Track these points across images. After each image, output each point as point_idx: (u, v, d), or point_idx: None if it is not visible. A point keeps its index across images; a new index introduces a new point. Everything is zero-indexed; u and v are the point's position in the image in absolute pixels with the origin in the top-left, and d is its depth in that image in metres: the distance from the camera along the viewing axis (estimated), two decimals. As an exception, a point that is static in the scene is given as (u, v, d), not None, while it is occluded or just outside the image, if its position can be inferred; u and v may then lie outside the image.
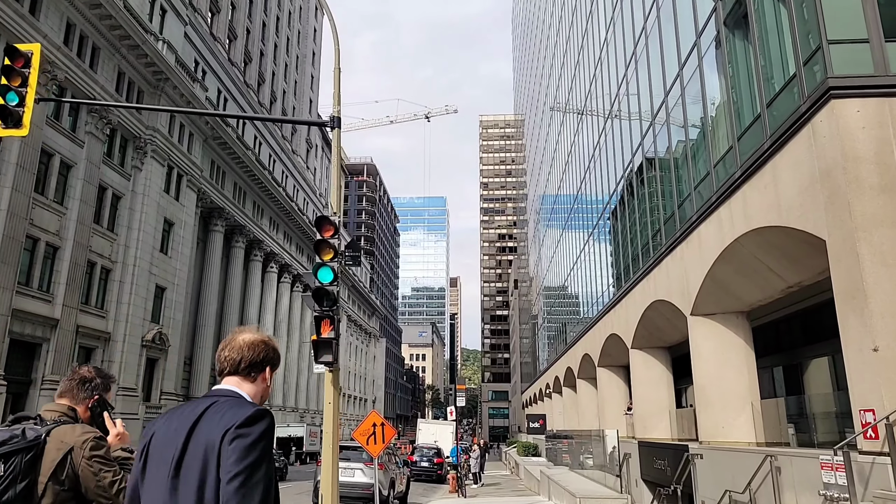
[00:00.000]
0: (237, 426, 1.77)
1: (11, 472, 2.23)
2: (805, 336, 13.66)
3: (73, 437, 2.40)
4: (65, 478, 2.34)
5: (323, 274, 7.27)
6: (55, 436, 2.38)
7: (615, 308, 20.92)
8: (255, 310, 47.22)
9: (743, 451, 10.80)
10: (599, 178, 23.95)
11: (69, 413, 2.55)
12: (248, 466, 1.71)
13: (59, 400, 2.61)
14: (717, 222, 11.68)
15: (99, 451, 2.41)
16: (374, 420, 9.30)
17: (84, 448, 2.39)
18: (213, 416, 1.84)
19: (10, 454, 2.25)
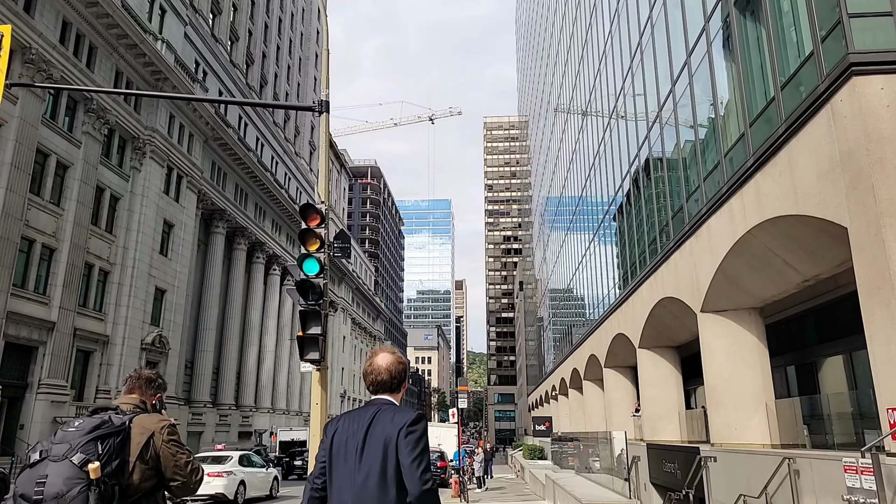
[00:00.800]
0: (408, 425, 2.54)
1: (107, 451, 2.59)
2: (819, 334, 13.11)
3: (153, 424, 2.81)
4: (148, 458, 2.73)
5: (308, 265, 6.81)
6: (137, 422, 2.76)
7: (622, 307, 20.38)
8: (257, 313, 46.85)
9: (758, 453, 10.26)
10: (604, 176, 23.44)
11: (140, 405, 2.98)
12: (421, 451, 2.51)
13: (129, 395, 3.04)
14: (728, 214, 11.15)
15: (174, 436, 2.84)
16: None
17: (163, 433, 2.80)
18: (383, 419, 2.61)
19: (104, 436, 2.61)
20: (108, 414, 2.78)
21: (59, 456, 2.55)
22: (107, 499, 2.53)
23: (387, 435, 2.56)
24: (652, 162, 16.68)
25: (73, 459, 2.53)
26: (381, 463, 2.51)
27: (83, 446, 2.57)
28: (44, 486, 2.48)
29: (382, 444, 2.54)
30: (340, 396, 72.72)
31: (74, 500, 2.47)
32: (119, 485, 2.61)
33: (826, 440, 11.28)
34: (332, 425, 2.80)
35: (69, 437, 2.61)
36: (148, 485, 2.75)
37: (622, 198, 20.62)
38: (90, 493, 2.48)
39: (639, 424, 19.77)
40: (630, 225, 19.80)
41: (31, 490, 2.49)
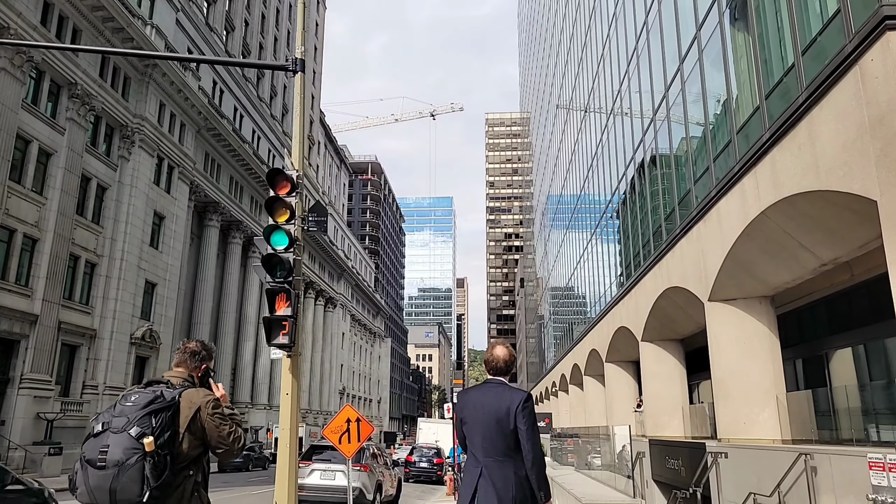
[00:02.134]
0: (523, 401, 3.70)
1: (160, 425, 2.85)
2: (831, 325, 12.37)
3: (199, 399, 3.05)
4: (196, 429, 2.99)
5: (276, 238, 6.05)
6: (185, 397, 3.02)
7: (624, 299, 19.65)
8: (253, 308, 46.13)
9: (771, 448, 9.52)
10: (607, 166, 22.69)
11: (188, 379, 3.21)
12: (533, 421, 3.70)
13: (177, 369, 3.26)
14: (740, 195, 10.40)
15: (218, 409, 3.08)
16: (347, 415, 7.85)
17: (207, 407, 3.04)
18: (504, 394, 3.75)
19: (157, 411, 2.87)
20: (160, 389, 3.02)
21: (118, 428, 2.84)
22: (159, 467, 2.82)
23: (509, 402, 3.68)
24: (658, 146, 15.92)
25: (130, 432, 2.82)
26: (504, 420, 3.64)
27: (139, 420, 2.85)
28: (106, 454, 2.78)
29: (506, 407, 3.66)
30: (339, 393, 72.06)
31: (132, 467, 2.76)
32: (170, 454, 2.89)
33: (836, 435, 10.58)
34: (465, 395, 3.97)
35: (126, 410, 2.89)
36: (195, 452, 3.04)
37: (625, 187, 19.87)
38: (145, 462, 2.78)
39: (640, 420, 19.10)
40: (633, 215, 19.05)
41: (95, 456, 2.81)
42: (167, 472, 2.85)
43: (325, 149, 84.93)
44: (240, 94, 47.76)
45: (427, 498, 18.26)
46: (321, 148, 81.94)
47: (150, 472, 2.78)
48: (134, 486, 2.76)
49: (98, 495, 2.78)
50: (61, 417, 23.76)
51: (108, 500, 2.77)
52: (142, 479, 2.76)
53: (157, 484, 2.79)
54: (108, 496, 2.77)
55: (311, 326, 61.83)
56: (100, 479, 2.78)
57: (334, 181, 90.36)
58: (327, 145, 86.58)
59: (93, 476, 2.80)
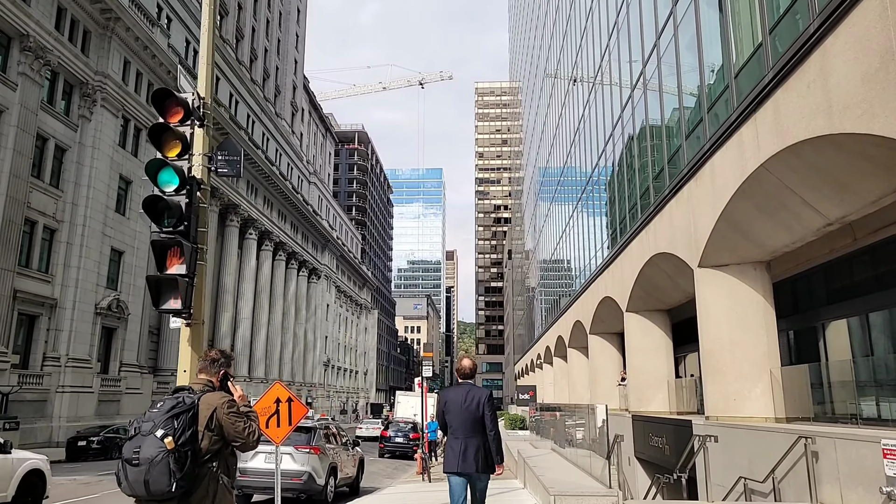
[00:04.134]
0: (488, 397, 5.74)
1: (181, 426, 3.41)
2: (829, 294, 11.40)
3: (216, 400, 3.62)
4: (214, 427, 3.55)
5: (164, 176, 4.85)
6: (204, 400, 3.59)
7: (609, 268, 18.64)
8: (231, 278, 44.85)
9: (766, 429, 8.57)
10: (593, 128, 21.45)
11: (209, 384, 3.79)
12: (493, 411, 5.72)
13: (200, 376, 3.87)
14: (738, 147, 9.27)
15: (233, 408, 3.64)
16: (276, 394, 6.61)
17: (223, 407, 3.60)
18: (473, 391, 5.74)
19: (178, 414, 3.43)
20: (183, 395, 3.60)
21: (147, 431, 3.40)
22: (181, 461, 3.35)
23: (478, 398, 5.68)
24: (647, 101, 14.70)
25: (156, 434, 3.35)
26: (475, 410, 5.59)
27: (163, 423, 3.38)
28: (139, 453, 3.34)
29: (476, 401, 5.65)
30: (324, 364, 71.32)
31: (160, 463, 3.30)
32: (192, 450, 3.43)
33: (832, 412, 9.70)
34: (445, 393, 5.93)
35: (153, 416, 3.46)
36: (216, 447, 3.56)
37: (612, 149, 18.69)
38: (169, 458, 3.31)
39: (624, 394, 18.32)
40: (620, 178, 17.92)
41: (131, 455, 3.35)
42: (188, 465, 3.35)
43: (309, 116, 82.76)
44: (216, 57, 45.72)
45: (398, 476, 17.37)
46: (305, 115, 79.80)
47: (175, 465, 3.28)
48: (163, 478, 3.27)
49: (136, 487, 3.32)
50: (18, 390, 22.60)
51: (144, 490, 3.30)
52: (169, 472, 3.27)
53: (182, 475, 3.31)
54: (143, 487, 3.29)
55: (294, 297, 60.70)
56: (135, 474, 3.31)
57: (319, 150, 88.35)
58: (311, 113, 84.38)
59: (130, 472, 3.33)
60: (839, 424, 8.99)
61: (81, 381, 25.96)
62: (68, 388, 25.14)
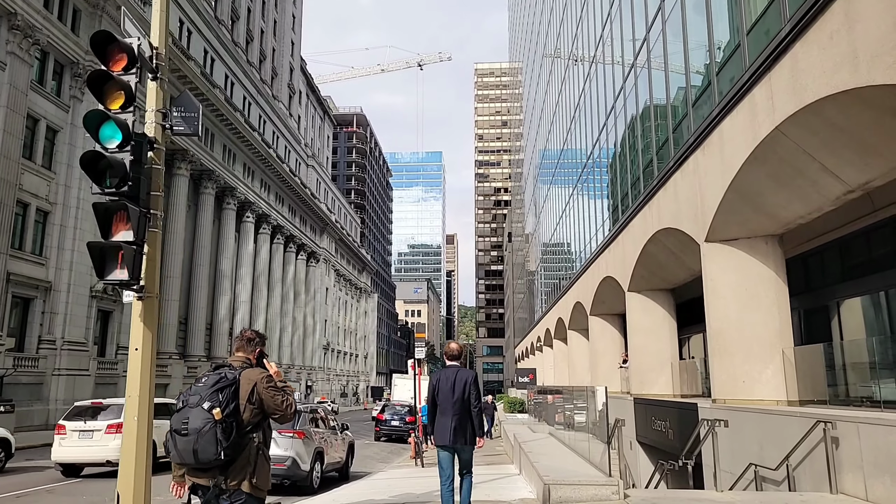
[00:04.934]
0: (473, 378, 6.38)
1: (225, 399, 3.65)
2: (843, 271, 10.83)
3: (255, 376, 3.86)
4: (254, 400, 3.76)
5: (106, 131, 4.26)
6: (244, 375, 3.82)
7: (610, 247, 18.06)
8: (229, 262, 44.32)
9: (779, 413, 8.04)
10: (594, 102, 20.74)
11: (246, 361, 4.01)
12: (478, 390, 6.40)
13: (237, 353, 4.06)
14: (750, 110, 8.64)
15: (271, 383, 3.87)
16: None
17: (262, 381, 3.82)
18: (463, 372, 6.39)
19: (222, 388, 3.69)
20: (225, 371, 3.83)
21: (194, 403, 3.64)
22: (227, 431, 3.59)
23: (465, 378, 6.29)
24: (651, 67, 14.01)
25: (203, 406, 3.60)
26: (463, 390, 6.20)
27: (209, 396, 3.64)
28: (187, 424, 3.58)
29: (463, 382, 6.26)
30: (323, 348, 71.07)
31: (207, 433, 3.54)
32: (236, 421, 3.66)
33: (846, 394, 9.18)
34: (436, 375, 6.48)
35: (199, 390, 3.70)
36: (256, 419, 3.79)
37: (613, 123, 18.02)
38: (216, 428, 3.55)
39: (626, 377, 17.85)
40: (622, 153, 17.27)
41: (179, 426, 3.59)
42: (234, 435, 3.59)
43: (307, 99, 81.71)
44: (210, 37, 44.78)
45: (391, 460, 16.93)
46: (303, 98, 78.78)
47: (221, 435, 3.54)
48: (210, 447, 3.53)
49: (185, 455, 3.58)
50: (12, 373, 22.20)
51: (193, 459, 3.56)
52: (216, 441, 3.53)
53: (228, 444, 3.56)
54: (192, 455, 3.55)
55: (293, 281, 60.26)
56: (184, 443, 3.56)
57: (317, 133, 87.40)
58: (309, 95, 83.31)
59: (179, 441, 3.58)
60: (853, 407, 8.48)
61: (77, 364, 25.56)
62: (64, 371, 24.77)
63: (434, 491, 7.90)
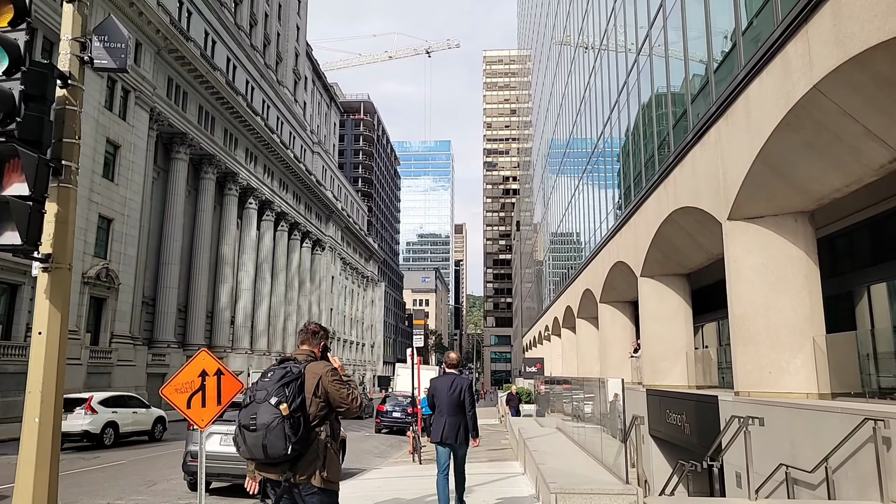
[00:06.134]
0: (468, 384, 7.26)
1: (291, 393, 3.68)
2: (875, 253, 9.88)
3: (320, 369, 3.90)
4: (320, 394, 3.80)
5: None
6: (309, 369, 3.86)
7: (622, 230, 17.12)
8: (230, 248, 43.64)
9: (814, 408, 7.13)
10: (606, 77, 19.70)
11: (311, 354, 4.07)
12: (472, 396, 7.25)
13: (302, 347, 4.12)
14: (782, 69, 7.68)
15: (336, 376, 3.91)
16: (202, 365, 5.35)
17: (327, 375, 3.86)
18: (459, 379, 7.23)
19: (288, 383, 3.70)
20: (290, 365, 3.84)
21: (261, 399, 3.64)
22: (296, 426, 3.60)
23: (461, 385, 7.11)
24: (666, 37, 13.00)
25: (270, 401, 3.60)
26: (459, 395, 7.00)
27: (276, 391, 3.64)
28: (256, 419, 3.57)
29: (459, 389, 7.05)
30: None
31: (276, 428, 3.54)
32: (303, 415, 3.68)
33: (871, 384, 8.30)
34: (434, 381, 7.37)
35: (266, 385, 3.71)
36: (322, 413, 3.81)
37: (624, 100, 17.01)
38: (284, 423, 3.56)
39: (637, 367, 16.99)
40: (634, 131, 16.28)
41: (248, 422, 3.59)
42: (303, 430, 3.64)
43: (312, 85, 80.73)
44: (212, 19, 43.89)
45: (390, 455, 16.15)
46: (308, 84, 77.79)
47: (290, 430, 3.56)
48: (279, 442, 3.54)
49: (254, 451, 3.59)
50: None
51: (262, 454, 3.57)
52: (284, 436, 3.54)
53: (297, 439, 3.59)
54: (262, 451, 3.56)
55: (298, 269, 59.60)
56: (254, 439, 3.58)
57: (324, 120, 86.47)
58: (315, 81, 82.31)
59: (248, 437, 3.60)
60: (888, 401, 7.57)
61: (69, 353, 24.90)
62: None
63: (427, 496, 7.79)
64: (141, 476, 11.84)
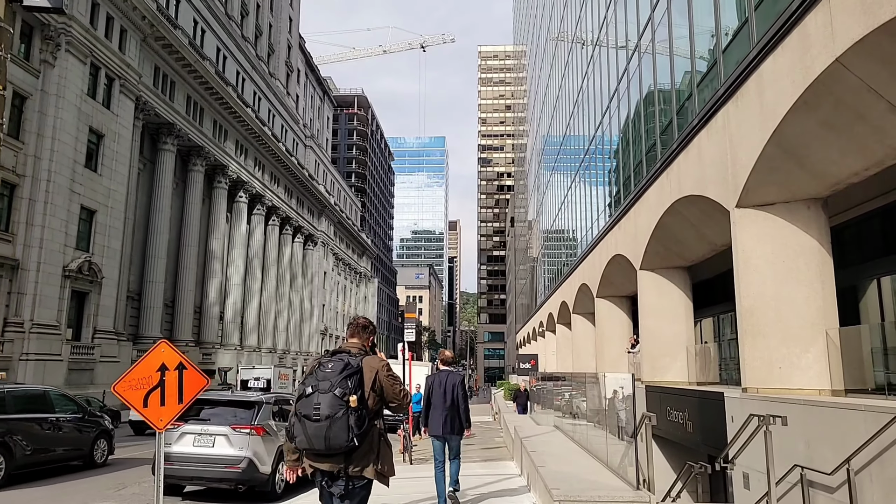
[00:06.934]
0: (461, 381, 7.89)
1: (354, 385, 3.70)
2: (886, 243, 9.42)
3: (376, 363, 3.91)
4: (377, 388, 3.81)
5: None
6: (366, 363, 3.87)
7: (621, 222, 16.61)
8: (219, 243, 42.89)
9: (834, 405, 6.62)
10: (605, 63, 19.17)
11: (362, 348, 4.06)
12: (464, 391, 7.92)
13: (352, 340, 4.12)
14: (799, 43, 7.15)
15: (391, 371, 3.96)
16: (161, 359, 4.65)
17: (383, 370, 3.88)
18: (453, 376, 7.83)
19: (350, 375, 3.72)
20: (347, 357, 3.83)
21: (325, 389, 3.65)
22: (361, 419, 3.63)
23: (454, 382, 7.68)
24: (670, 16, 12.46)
25: (335, 392, 3.64)
26: (452, 391, 7.57)
27: (339, 383, 3.67)
28: (319, 409, 3.58)
29: (453, 385, 7.62)
30: (321, 333, 69.90)
31: (340, 419, 3.57)
32: (365, 409, 3.68)
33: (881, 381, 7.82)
34: (430, 378, 7.94)
35: (328, 376, 3.71)
36: (377, 407, 3.84)
37: (625, 88, 16.48)
38: (349, 415, 3.58)
39: (635, 362, 16.51)
40: (636, 118, 15.75)
41: (310, 412, 3.62)
42: (367, 423, 3.67)
43: (305, 78, 79.86)
44: (201, 7, 43.06)
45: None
46: (301, 77, 76.94)
47: (354, 422, 3.59)
48: (342, 433, 3.57)
49: (315, 441, 3.59)
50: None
51: (323, 444, 3.59)
52: (347, 427, 3.57)
53: (360, 432, 3.61)
54: (323, 441, 3.58)
55: (289, 264, 58.89)
56: (316, 429, 3.58)
57: (317, 114, 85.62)
58: (308, 74, 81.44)
59: (310, 427, 3.60)
60: None
61: (48, 349, 24.23)
62: (33, 355, 23.39)
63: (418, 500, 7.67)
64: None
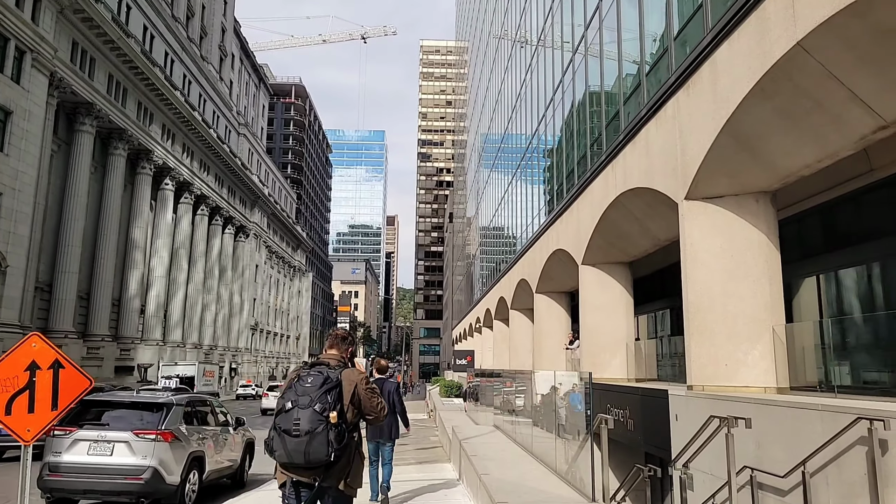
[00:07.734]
0: (397, 386, 8.50)
1: (333, 400, 3.70)
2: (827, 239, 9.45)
3: (356, 377, 3.92)
4: (355, 401, 3.83)
5: None
6: (345, 376, 3.87)
7: (563, 216, 16.35)
8: (142, 232, 40.38)
9: (789, 404, 6.36)
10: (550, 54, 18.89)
11: (341, 360, 4.05)
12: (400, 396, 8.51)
13: (330, 351, 4.10)
14: (757, 28, 6.90)
15: (369, 385, 3.97)
16: (31, 355, 3.67)
17: (362, 383, 3.91)
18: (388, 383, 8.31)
19: (330, 389, 3.71)
20: (326, 371, 3.80)
21: (305, 405, 3.64)
22: (341, 434, 3.64)
23: (390, 388, 8.11)
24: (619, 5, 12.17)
25: (315, 408, 3.63)
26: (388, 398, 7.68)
27: (319, 398, 3.66)
28: (299, 424, 3.57)
29: (388, 392, 7.89)
30: (251, 328, 67.44)
31: (320, 434, 3.57)
32: (344, 423, 3.70)
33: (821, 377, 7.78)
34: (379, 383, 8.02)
35: (308, 391, 3.69)
36: (355, 420, 3.86)
37: (570, 79, 16.21)
38: (329, 430, 3.60)
39: (572, 359, 16.34)
40: (580, 109, 15.49)
41: (290, 427, 3.59)
42: (347, 437, 3.67)
43: (240, 64, 76.81)
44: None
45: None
46: (235, 62, 73.93)
47: (335, 438, 3.58)
48: (322, 448, 3.56)
49: (295, 456, 3.58)
50: None
51: (303, 459, 3.58)
52: (327, 443, 3.56)
53: (340, 446, 3.62)
54: (303, 456, 3.57)
55: (219, 256, 56.37)
56: (296, 444, 3.56)
57: (251, 101, 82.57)
58: (243, 60, 78.37)
59: (289, 442, 3.56)
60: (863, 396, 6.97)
61: (-59, 342, 21.88)
62: (-78, 350, 21.06)
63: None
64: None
